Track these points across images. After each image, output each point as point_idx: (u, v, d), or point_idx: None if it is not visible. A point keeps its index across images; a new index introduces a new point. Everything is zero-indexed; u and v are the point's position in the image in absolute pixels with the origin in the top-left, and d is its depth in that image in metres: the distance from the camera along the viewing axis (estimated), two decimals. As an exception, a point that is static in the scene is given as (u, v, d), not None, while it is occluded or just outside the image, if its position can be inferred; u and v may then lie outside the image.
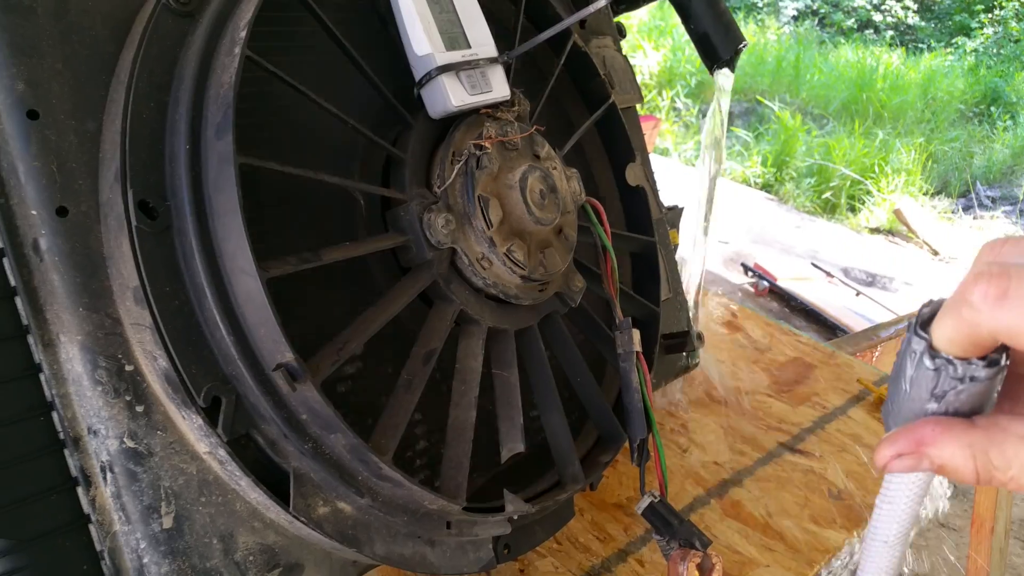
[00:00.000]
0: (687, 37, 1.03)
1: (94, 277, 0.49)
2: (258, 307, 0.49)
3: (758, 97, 7.01)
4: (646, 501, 0.66)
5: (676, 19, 1.13)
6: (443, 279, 0.60)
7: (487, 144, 0.60)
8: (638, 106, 0.97)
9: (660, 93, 7.14)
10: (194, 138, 0.50)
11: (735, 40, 0.98)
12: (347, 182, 0.55)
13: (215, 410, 0.50)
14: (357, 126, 0.56)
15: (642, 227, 0.80)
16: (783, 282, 4.19)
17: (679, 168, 5.86)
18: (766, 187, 6.06)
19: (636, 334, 0.67)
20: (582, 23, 0.85)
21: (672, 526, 0.65)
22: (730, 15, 1.01)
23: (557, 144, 0.71)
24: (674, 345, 0.87)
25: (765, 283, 4.22)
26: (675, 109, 6.99)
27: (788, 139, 6.24)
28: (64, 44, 0.50)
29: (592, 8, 0.61)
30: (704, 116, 1.10)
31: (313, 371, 0.50)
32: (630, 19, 7.92)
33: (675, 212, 1.02)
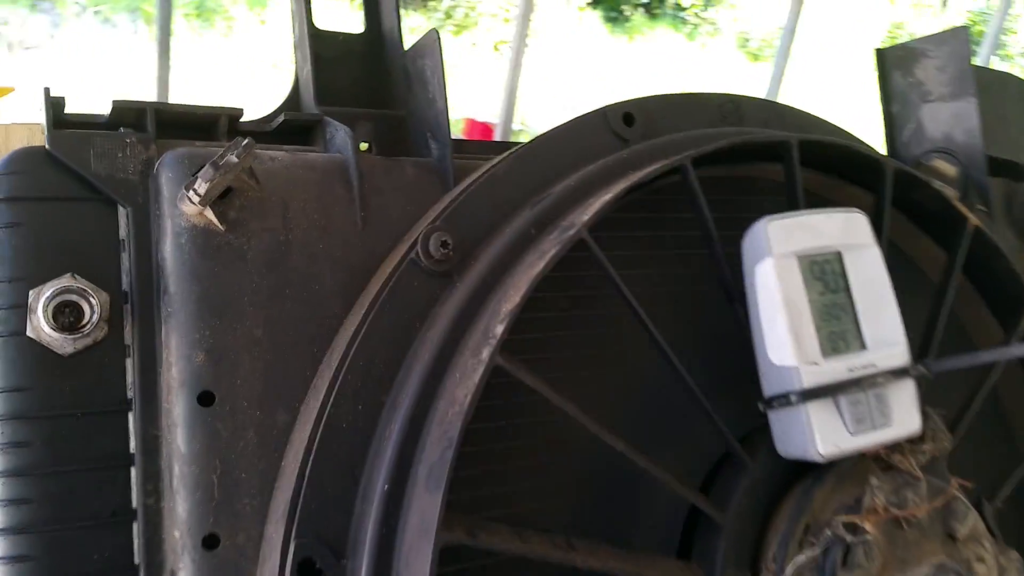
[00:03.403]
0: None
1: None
2: None
3: None
4: None
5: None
6: None
7: (868, 524, 0.35)
8: None
9: None
10: (401, 471, 0.33)
11: None
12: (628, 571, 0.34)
13: None
14: (663, 475, 0.35)
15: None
16: None
17: None
18: None
19: None
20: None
21: None
22: None
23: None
24: None
25: None
26: None
27: None
28: (272, 301, 0.36)
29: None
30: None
31: None
32: None
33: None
